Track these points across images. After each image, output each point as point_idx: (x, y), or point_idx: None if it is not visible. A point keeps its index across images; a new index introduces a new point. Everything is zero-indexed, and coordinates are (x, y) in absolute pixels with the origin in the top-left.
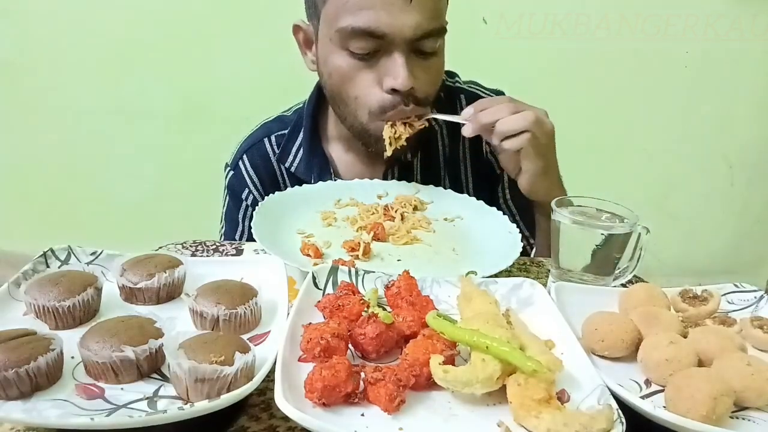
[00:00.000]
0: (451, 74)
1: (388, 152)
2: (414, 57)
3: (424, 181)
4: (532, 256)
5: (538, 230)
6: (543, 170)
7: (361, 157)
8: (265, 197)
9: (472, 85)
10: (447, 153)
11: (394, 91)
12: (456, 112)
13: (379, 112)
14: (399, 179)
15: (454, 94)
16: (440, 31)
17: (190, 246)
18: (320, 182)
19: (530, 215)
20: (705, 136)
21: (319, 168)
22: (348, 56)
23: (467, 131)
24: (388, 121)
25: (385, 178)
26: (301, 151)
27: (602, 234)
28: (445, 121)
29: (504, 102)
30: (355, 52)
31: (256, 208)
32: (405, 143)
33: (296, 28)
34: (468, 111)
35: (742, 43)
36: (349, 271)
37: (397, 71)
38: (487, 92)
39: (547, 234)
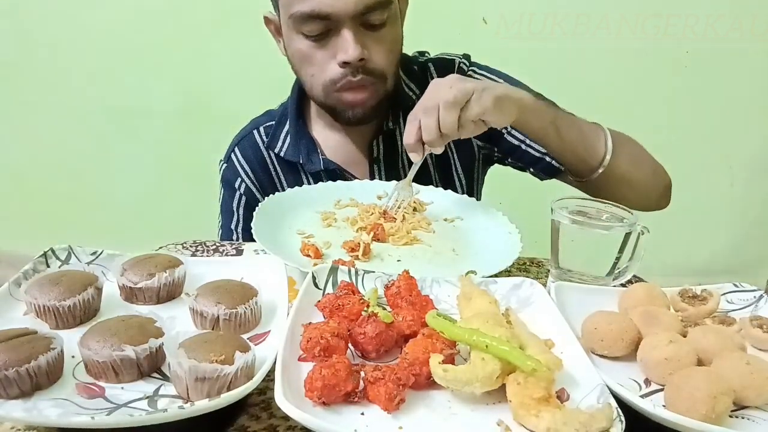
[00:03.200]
0: (422, 53)
1: None
2: (363, 30)
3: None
4: (567, 176)
5: (557, 146)
6: (498, 100)
7: (344, 134)
8: (258, 185)
9: (440, 54)
10: None
11: (346, 64)
12: (428, 83)
13: (331, 84)
14: (385, 151)
15: (425, 67)
16: (384, 4)
17: (190, 246)
18: (320, 183)
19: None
20: (705, 136)
21: (307, 149)
22: (304, 39)
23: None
24: (340, 91)
25: (370, 152)
26: (289, 137)
27: (603, 234)
28: (420, 91)
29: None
30: (308, 35)
31: (257, 208)
32: (369, 110)
33: (266, 20)
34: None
35: (742, 43)
36: (349, 271)
37: (345, 45)
38: (452, 55)
39: (569, 140)
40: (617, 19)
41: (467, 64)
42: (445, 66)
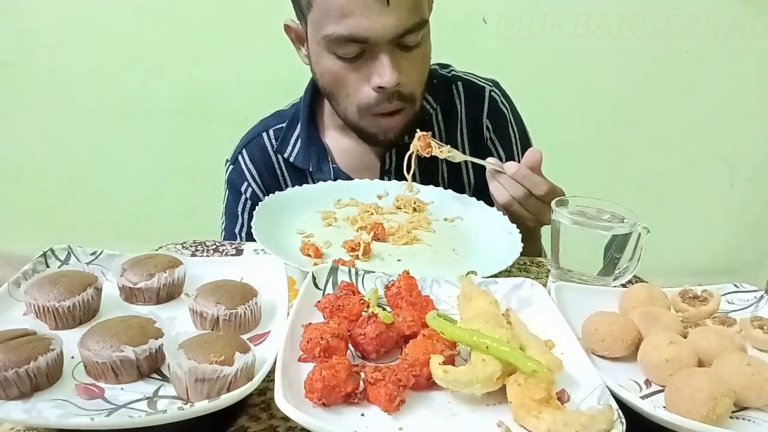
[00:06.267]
0: (445, 65)
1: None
2: (398, 51)
3: (422, 165)
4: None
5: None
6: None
7: (358, 144)
8: (264, 190)
9: (468, 74)
10: (444, 137)
11: (380, 88)
12: (452, 100)
13: (365, 108)
14: (398, 163)
15: (450, 83)
16: (421, 25)
17: (190, 246)
18: (320, 182)
19: None
20: (705, 136)
21: (317, 156)
22: (336, 59)
23: (511, 168)
24: (375, 116)
25: (383, 163)
26: (299, 141)
27: (605, 234)
28: (440, 105)
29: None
30: (341, 56)
31: (256, 207)
32: (400, 133)
33: (287, 28)
34: (511, 166)
35: (742, 43)
36: (349, 271)
37: (382, 70)
38: (482, 80)
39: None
40: (617, 19)
41: (498, 94)
42: (476, 92)
